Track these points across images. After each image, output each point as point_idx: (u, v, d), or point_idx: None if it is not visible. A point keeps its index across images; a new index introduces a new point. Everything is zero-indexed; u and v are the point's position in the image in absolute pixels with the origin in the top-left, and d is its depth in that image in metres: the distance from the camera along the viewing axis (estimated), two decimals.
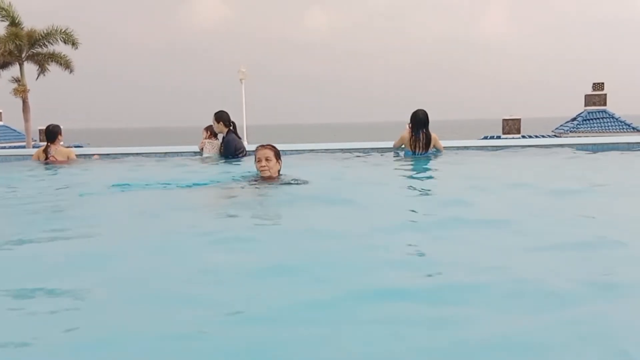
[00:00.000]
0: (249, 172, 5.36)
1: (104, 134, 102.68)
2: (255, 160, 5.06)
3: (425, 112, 7.99)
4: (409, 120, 8.04)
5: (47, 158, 8.11)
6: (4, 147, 31.18)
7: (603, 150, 8.51)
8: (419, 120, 7.94)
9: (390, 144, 8.44)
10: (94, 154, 9.15)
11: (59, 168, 7.75)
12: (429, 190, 5.83)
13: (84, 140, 43.49)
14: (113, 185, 5.33)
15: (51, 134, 8.32)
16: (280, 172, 5.12)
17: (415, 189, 5.83)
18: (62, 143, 9.25)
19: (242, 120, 22.65)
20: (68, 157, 8.24)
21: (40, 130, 31.52)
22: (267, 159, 4.95)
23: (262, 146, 5.10)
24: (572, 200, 4.87)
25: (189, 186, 5.49)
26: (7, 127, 38.04)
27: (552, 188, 5.40)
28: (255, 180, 5.09)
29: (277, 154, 5.04)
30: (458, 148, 8.56)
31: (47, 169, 7.73)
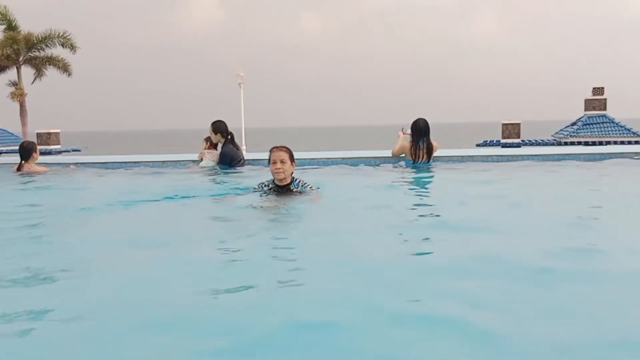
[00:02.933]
0: (253, 186, 5.24)
1: (102, 137, 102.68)
2: (269, 163, 4.94)
3: (425, 121, 7.98)
4: (403, 126, 8.03)
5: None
6: (1, 151, 31.10)
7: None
8: (420, 130, 7.93)
9: (389, 152, 8.33)
10: (71, 164, 8.84)
11: (35, 177, 7.57)
12: (437, 200, 5.78)
13: (81, 144, 43.33)
14: (114, 202, 5.20)
15: (25, 151, 7.96)
16: (293, 175, 5.05)
17: (422, 200, 5.81)
18: (59, 149, 9.03)
19: (240, 125, 22.48)
20: None
21: (37, 133, 31.44)
22: (282, 162, 4.87)
23: (277, 148, 4.99)
24: (579, 209, 4.89)
25: (195, 197, 5.45)
26: (4, 130, 37.87)
27: (559, 196, 5.42)
28: (267, 191, 5.01)
29: (292, 156, 4.98)
30: (463, 158, 8.44)
31: (25, 179, 7.53)
